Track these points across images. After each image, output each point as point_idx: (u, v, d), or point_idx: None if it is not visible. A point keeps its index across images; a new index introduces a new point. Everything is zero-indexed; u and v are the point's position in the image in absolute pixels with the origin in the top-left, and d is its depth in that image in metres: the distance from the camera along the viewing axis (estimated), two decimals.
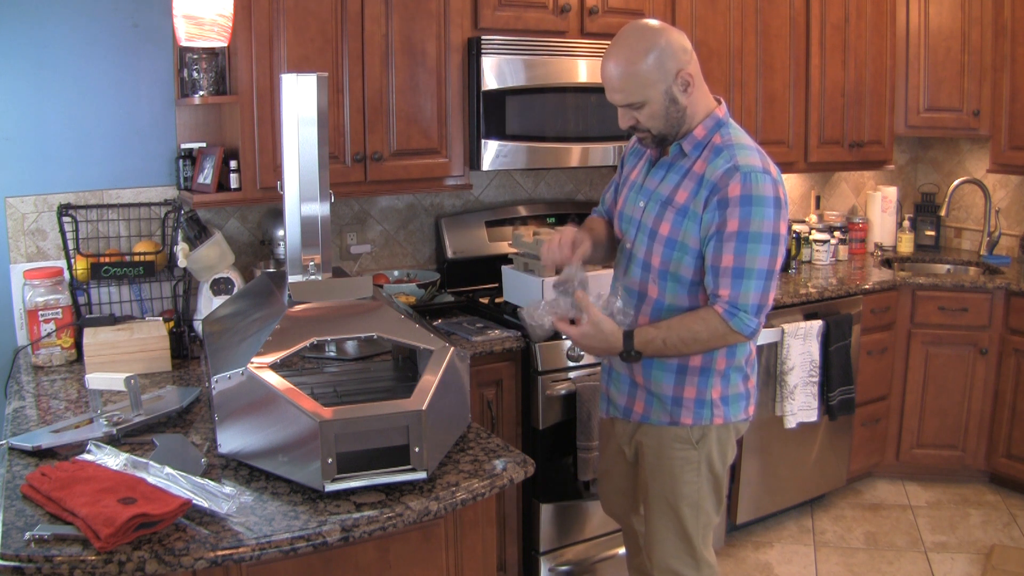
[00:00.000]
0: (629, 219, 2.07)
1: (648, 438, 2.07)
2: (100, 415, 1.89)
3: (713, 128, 1.94)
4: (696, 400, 2.00)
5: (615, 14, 3.07)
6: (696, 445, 2.02)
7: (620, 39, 1.91)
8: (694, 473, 2.03)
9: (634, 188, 2.08)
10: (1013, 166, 3.86)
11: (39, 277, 2.47)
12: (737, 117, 3.46)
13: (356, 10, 2.61)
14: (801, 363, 3.24)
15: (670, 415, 2.02)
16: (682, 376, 2.00)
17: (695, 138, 1.94)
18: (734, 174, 1.83)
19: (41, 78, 2.57)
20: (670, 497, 2.05)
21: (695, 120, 1.94)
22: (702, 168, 1.90)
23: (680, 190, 1.93)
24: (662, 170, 2.00)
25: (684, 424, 2.01)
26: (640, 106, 1.89)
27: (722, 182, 1.84)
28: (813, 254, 3.95)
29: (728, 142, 1.91)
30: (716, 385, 2.01)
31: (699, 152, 1.93)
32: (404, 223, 3.18)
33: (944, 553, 3.27)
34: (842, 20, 3.74)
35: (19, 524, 1.45)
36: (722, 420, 2.03)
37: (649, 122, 1.91)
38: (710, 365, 2.00)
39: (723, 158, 1.87)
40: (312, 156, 1.85)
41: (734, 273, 1.84)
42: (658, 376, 2.01)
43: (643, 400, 2.06)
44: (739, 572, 3.16)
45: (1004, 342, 3.63)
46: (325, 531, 1.47)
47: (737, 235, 1.83)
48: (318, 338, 1.73)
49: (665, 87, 1.87)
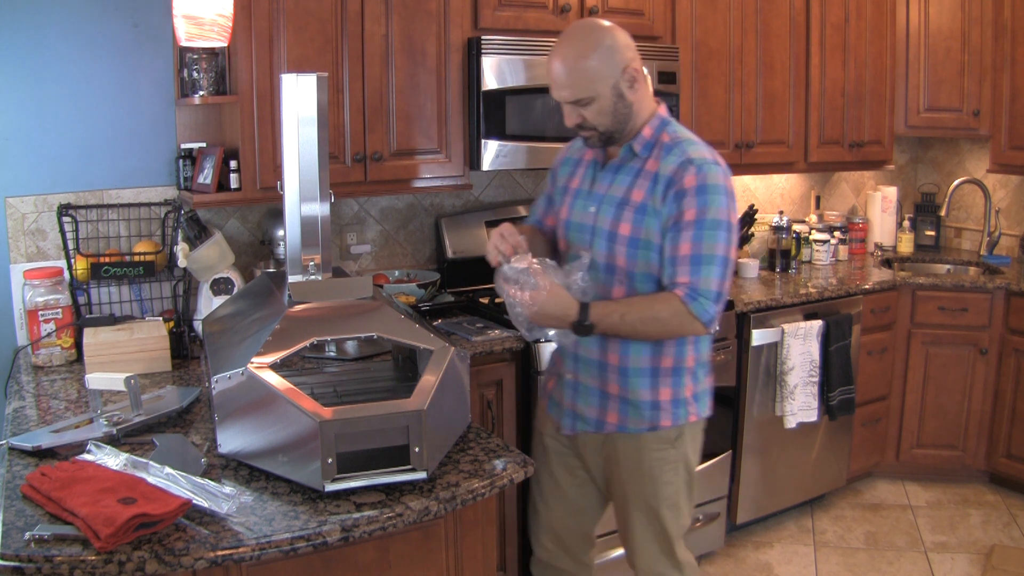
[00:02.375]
0: (580, 227, 2.02)
1: (623, 445, 2.04)
2: (100, 415, 1.89)
3: (659, 127, 1.95)
4: (673, 400, 2.00)
5: (615, 14, 3.07)
6: (674, 444, 2.02)
7: (567, 36, 1.91)
8: (673, 473, 2.03)
9: (580, 195, 2.05)
10: (1013, 166, 3.86)
11: (39, 277, 2.47)
12: (737, 117, 3.48)
13: (356, 10, 2.61)
14: (801, 363, 3.24)
15: (649, 421, 1.99)
16: (656, 379, 1.98)
17: (644, 138, 1.94)
18: (688, 167, 1.85)
19: (41, 78, 2.57)
20: (651, 500, 2.04)
21: (641, 119, 1.94)
22: (655, 166, 1.91)
23: (635, 190, 1.92)
24: (610, 173, 1.98)
25: (663, 427, 2.00)
26: (588, 102, 1.87)
27: (677, 175, 1.86)
28: (813, 254, 3.95)
29: (677, 139, 1.92)
30: (688, 383, 2.01)
31: (649, 152, 1.93)
32: (404, 223, 3.18)
33: (944, 553, 3.27)
34: (842, 20, 3.74)
35: (19, 524, 1.45)
36: (696, 417, 2.04)
37: (597, 119, 1.89)
38: (681, 364, 1.99)
39: (675, 154, 1.89)
40: (312, 156, 1.85)
41: (692, 260, 1.84)
42: (635, 383, 1.98)
43: (617, 410, 2.01)
44: (739, 572, 3.16)
45: (1004, 342, 3.63)
46: (325, 531, 1.47)
47: (695, 223, 1.83)
48: (318, 338, 1.73)
49: (613, 82, 1.87)
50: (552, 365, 2.21)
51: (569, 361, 2.07)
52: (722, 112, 3.44)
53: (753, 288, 3.45)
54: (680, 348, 1.99)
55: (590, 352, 2.01)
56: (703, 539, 3.19)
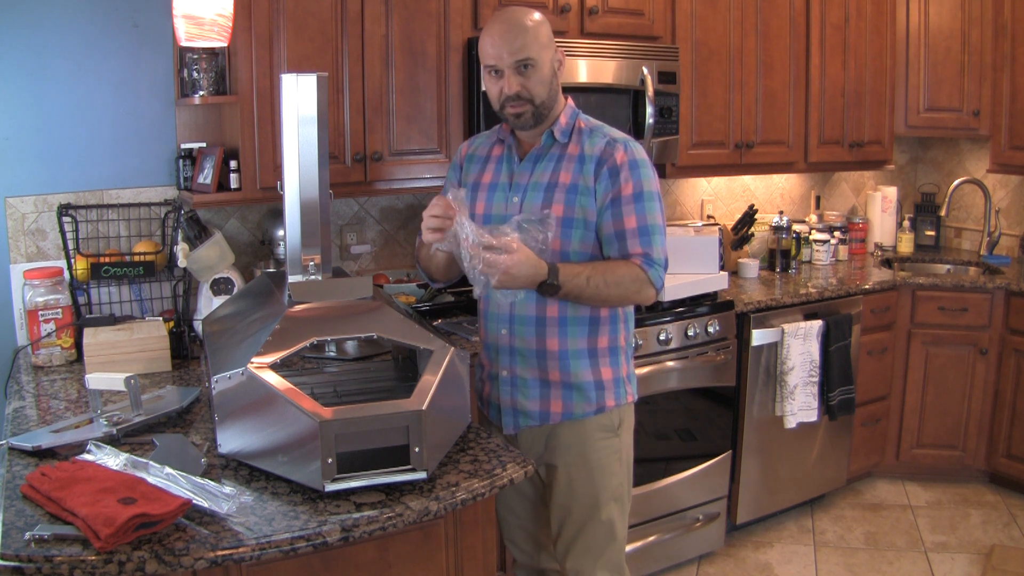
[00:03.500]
0: (500, 218, 1.97)
1: (569, 436, 2.03)
2: (100, 415, 1.89)
3: (572, 115, 2.01)
4: (614, 380, 2.03)
5: (615, 14, 3.07)
6: (617, 431, 2.04)
7: (505, 10, 1.97)
8: (617, 462, 2.05)
9: (497, 189, 2.04)
10: (1013, 166, 3.86)
11: (39, 277, 2.47)
12: (737, 117, 3.49)
13: (356, 10, 2.61)
14: (801, 363, 3.24)
15: (595, 402, 2.01)
16: (595, 359, 2.00)
17: (561, 125, 1.99)
18: (615, 144, 1.93)
19: (41, 78, 2.57)
20: (600, 494, 2.03)
21: (559, 107, 2.00)
22: (576, 150, 1.96)
23: (563, 172, 1.95)
24: (530, 163, 2.00)
25: (608, 407, 2.02)
26: (532, 65, 1.90)
27: (605, 153, 1.92)
28: (813, 254, 3.96)
29: (593, 125, 2.01)
30: (623, 363, 2.05)
31: (568, 137, 1.98)
32: (404, 223, 3.18)
33: (944, 553, 3.27)
34: (842, 20, 3.74)
35: (19, 524, 1.45)
36: (632, 397, 2.08)
37: (537, 87, 1.91)
38: (616, 343, 2.03)
39: (597, 136, 1.96)
40: (312, 156, 1.85)
41: (640, 232, 1.90)
42: (576, 365, 1.99)
43: (560, 397, 2.01)
44: (739, 572, 3.16)
45: (1004, 342, 3.63)
46: (325, 531, 1.47)
47: (634, 196, 1.90)
48: (318, 338, 1.73)
49: (551, 55, 1.94)
50: (481, 370, 2.17)
51: (504, 357, 2.05)
52: (722, 112, 3.44)
53: (753, 288, 3.45)
54: (614, 327, 2.02)
55: (527, 342, 2.01)
56: (703, 539, 3.19)
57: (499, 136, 2.10)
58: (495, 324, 2.06)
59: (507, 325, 2.03)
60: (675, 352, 2.99)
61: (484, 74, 1.97)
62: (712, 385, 3.12)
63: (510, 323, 2.02)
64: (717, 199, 3.98)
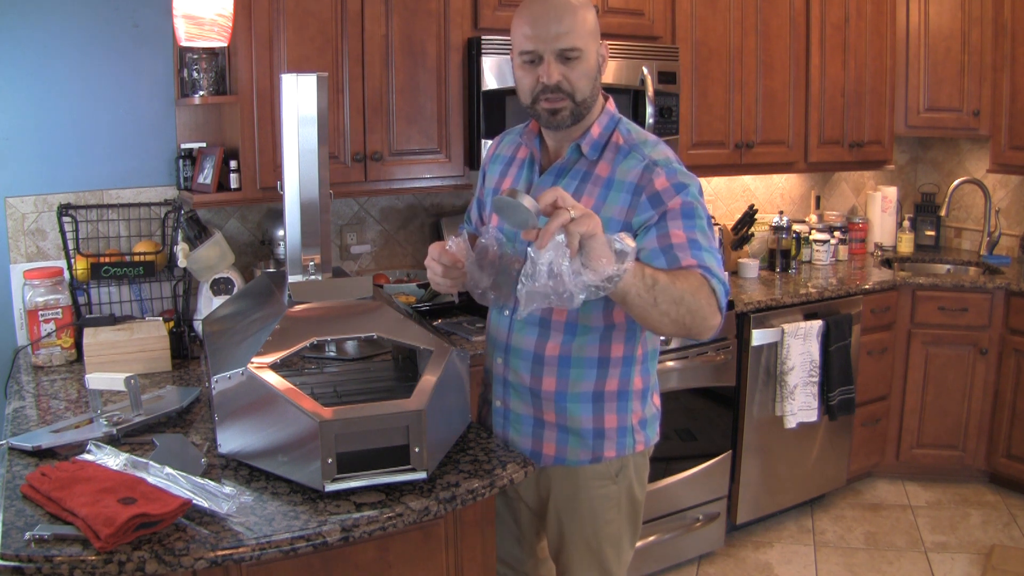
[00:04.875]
0: (513, 235, 1.76)
1: (561, 482, 1.83)
2: (100, 415, 1.89)
3: (608, 125, 1.74)
4: (618, 429, 1.79)
5: (615, 14, 3.07)
6: (616, 479, 1.82)
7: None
8: (615, 510, 1.84)
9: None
10: (1013, 166, 3.86)
11: (39, 277, 2.47)
12: (737, 117, 3.48)
13: (356, 10, 2.61)
14: (801, 363, 3.24)
15: (591, 451, 1.79)
16: (600, 404, 1.77)
17: (592, 137, 1.72)
18: (653, 169, 1.65)
19: (41, 78, 2.57)
20: (591, 540, 1.84)
21: (595, 113, 1.74)
22: (607, 171, 1.70)
23: (584, 196, 1.69)
24: (551, 177, 1.76)
25: (607, 458, 1.79)
26: (577, 56, 1.64)
27: (643, 180, 1.64)
28: (813, 254, 3.96)
29: (631, 141, 1.72)
30: (636, 409, 1.81)
31: (597, 154, 1.72)
32: (404, 223, 3.18)
33: (944, 553, 3.27)
34: (842, 20, 3.74)
35: (19, 524, 1.45)
36: (643, 446, 1.85)
37: (580, 80, 1.65)
38: (627, 387, 1.79)
39: (633, 159, 1.68)
40: (312, 156, 1.85)
41: (691, 245, 1.59)
42: (574, 409, 1.77)
43: (554, 440, 1.80)
44: (739, 572, 3.16)
45: (1004, 342, 3.63)
46: (325, 531, 1.47)
47: (682, 212, 1.61)
48: (318, 338, 1.73)
49: (597, 48, 1.68)
50: (485, 389, 1.98)
51: (498, 387, 1.87)
52: (722, 112, 3.44)
53: (753, 288, 3.45)
54: (626, 368, 1.78)
55: (520, 377, 1.81)
56: (703, 539, 3.19)
57: (525, 137, 1.86)
58: (492, 350, 1.89)
59: (503, 354, 1.84)
60: (675, 352, 2.99)
61: (515, 63, 1.71)
62: (712, 385, 3.13)
63: (505, 353, 1.83)
64: (717, 199, 3.98)
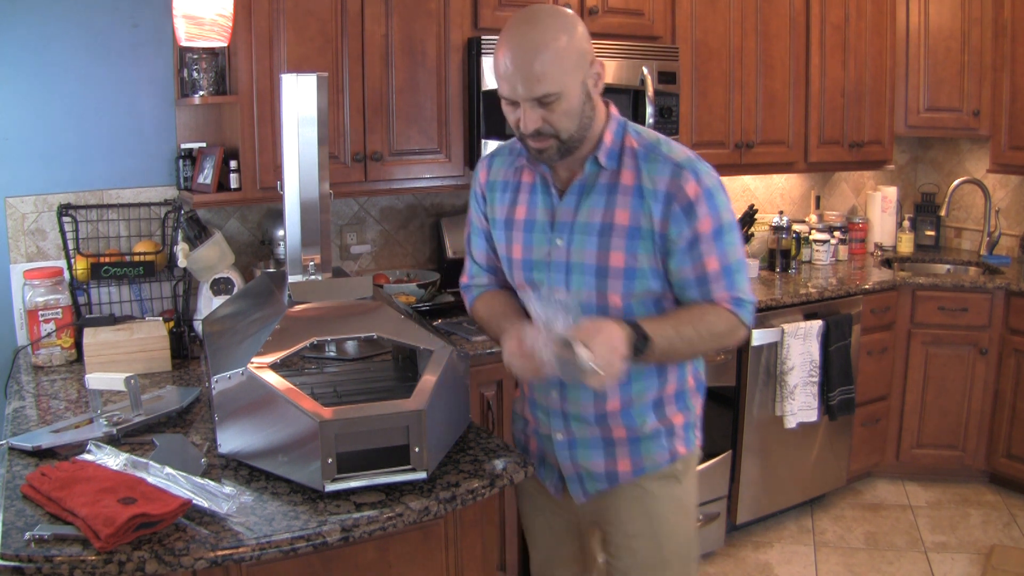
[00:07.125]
0: (544, 265, 1.71)
1: (632, 492, 1.78)
2: (100, 415, 1.89)
3: (618, 131, 1.68)
4: (685, 425, 1.80)
5: (615, 14, 3.07)
6: (681, 479, 1.80)
7: (526, 19, 1.58)
8: (683, 515, 1.82)
9: (536, 228, 1.72)
10: (1013, 166, 3.86)
11: (39, 277, 2.47)
12: (737, 117, 3.49)
13: (356, 10, 2.61)
14: (801, 363, 3.24)
15: (667, 450, 1.77)
16: (661, 408, 1.76)
17: (606, 146, 1.65)
18: (681, 173, 1.60)
19: (41, 78, 2.57)
20: (664, 550, 1.79)
21: (599, 125, 1.66)
22: (632, 179, 1.63)
23: (618, 210, 1.63)
24: (575, 196, 1.68)
25: (680, 455, 1.79)
26: (555, 99, 1.55)
27: (672, 187, 1.60)
28: (813, 254, 3.96)
29: (644, 142, 1.66)
30: (694, 406, 1.84)
31: (617, 162, 1.65)
32: (404, 223, 3.18)
33: (944, 553, 3.27)
34: (842, 20, 3.74)
35: (19, 524, 1.45)
36: (700, 442, 1.86)
37: (562, 121, 1.58)
38: (684, 387, 1.80)
39: (657, 162, 1.63)
40: (312, 156, 1.85)
41: (724, 273, 1.65)
42: (641, 419, 1.75)
43: (628, 454, 1.76)
44: (739, 572, 3.16)
45: (1004, 342, 3.63)
46: (325, 531, 1.47)
47: (714, 234, 1.62)
48: (318, 338, 1.73)
49: (582, 77, 1.58)
50: (524, 423, 1.92)
51: (556, 420, 1.79)
52: (722, 112, 3.44)
53: (753, 288, 3.45)
54: (680, 369, 1.78)
55: (582, 407, 1.75)
56: (703, 539, 3.19)
57: (524, 157, 1.75)
58: (542, 385, 1.79)
59: (557, 388, 1.76)
60: None
61: (501, 98, 1.64)
62: (712, 385, 3.09)
63: (560, 387, 1.75)
64: None
